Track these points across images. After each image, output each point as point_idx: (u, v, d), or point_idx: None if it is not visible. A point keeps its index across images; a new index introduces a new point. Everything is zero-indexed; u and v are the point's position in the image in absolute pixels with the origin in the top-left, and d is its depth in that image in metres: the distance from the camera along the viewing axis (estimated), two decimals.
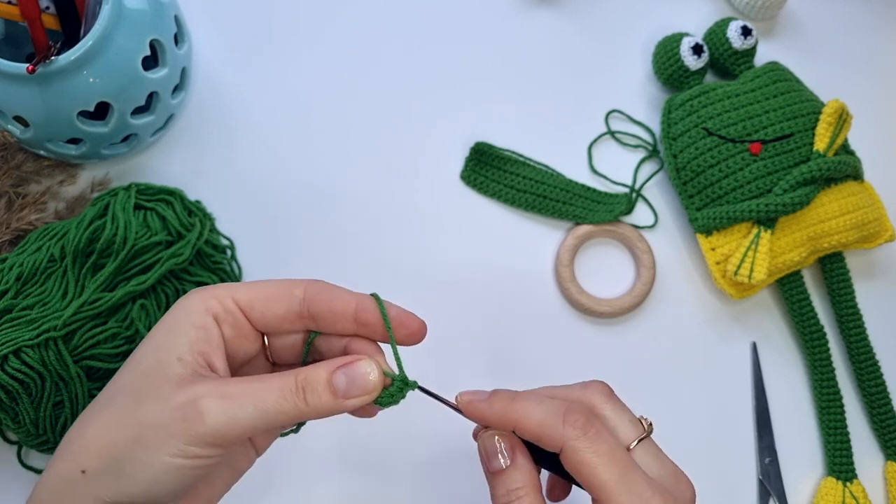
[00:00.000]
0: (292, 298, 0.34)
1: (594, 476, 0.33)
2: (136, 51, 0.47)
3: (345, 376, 0.32)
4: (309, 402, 0.32)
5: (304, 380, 0.32)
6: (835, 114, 0.53)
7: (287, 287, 0.35)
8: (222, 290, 0.34)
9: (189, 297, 0.34)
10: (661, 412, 0.53)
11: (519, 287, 0.55)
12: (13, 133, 0.49)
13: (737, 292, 0.53)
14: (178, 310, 0.34)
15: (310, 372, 0.32)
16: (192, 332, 0.33)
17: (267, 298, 0.34)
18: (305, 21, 0.59)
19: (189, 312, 0.33)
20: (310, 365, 0.33)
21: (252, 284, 0.35)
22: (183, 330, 0.33)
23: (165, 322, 0.34)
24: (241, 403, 0.31)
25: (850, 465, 0.52)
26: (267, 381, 0.32)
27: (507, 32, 0.60)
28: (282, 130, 0.57)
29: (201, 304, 0.33)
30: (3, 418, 0.44)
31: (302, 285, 0.35)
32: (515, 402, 0.35)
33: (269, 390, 0.31)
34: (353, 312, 0.35)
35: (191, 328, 0.33)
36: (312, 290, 0.35)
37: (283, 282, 0.35)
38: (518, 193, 0.56)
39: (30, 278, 0.46)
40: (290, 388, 0.32)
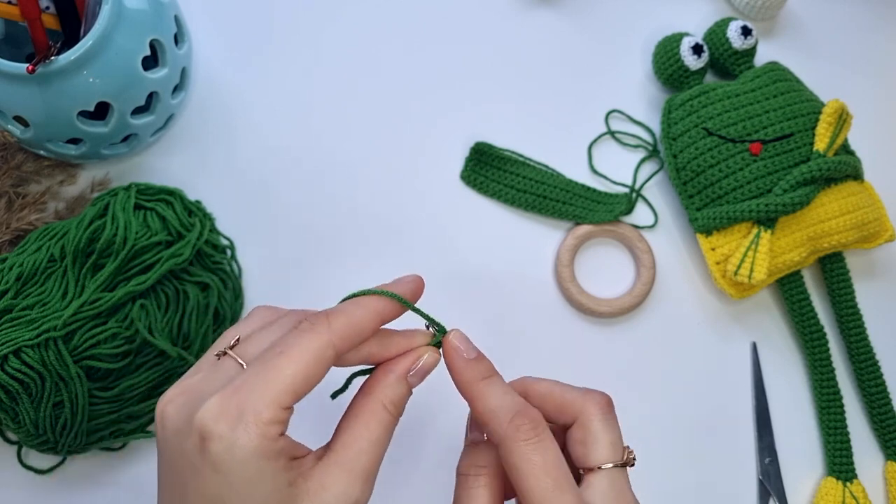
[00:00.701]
0: (328, 362, 0.32)
1: (522, 483, 0.32)
2: (136, 51, 0.47)
3: (418, 377, 0.35)
4: (400, 415, 0.34)
5: (393, 404, 0.33)
6: (835, 114, 0.53)
7: (318, 356, 0.32)
8: (267, 411, 0.30)
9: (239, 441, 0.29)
10: (661, 412, 0.54)
11: (519, 287, 0.55)
12: (13, 133, 0.49)
13: (737, 292, 0.53)
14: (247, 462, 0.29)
15: (394, 394, 0.34)
16: (276, 464, 0.30)
17: (307, 382, 0.31)
18: (305, 21, 0.59)
19: (259, 456, 0.29)
20: (380, 380, 0.34)
21: (283, 376, 0.31)
22: (269, 471, 0.30)
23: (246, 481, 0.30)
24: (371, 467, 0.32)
25: (850, 465, 0.52)
26: (371, 431, 0.32)
27: (507, 32, 0.60)
28: (282, 130, 0.57)
29: (264, 440, 0.30)
30: (3, 418, 0.44)
31: (328, 343, 0.32)
32: (483, 381, 0.35)
33: (378, 438, 0.32)
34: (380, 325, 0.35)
35: (274, 464, 0.30)
36: (340, 341, 0.32)
37: (309, 350, 0.31)
38: (518, 193, 0.56)
39: (30, 278, 0.46)
40: (390, 420, 0.33)
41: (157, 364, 0.47)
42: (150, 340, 0.45)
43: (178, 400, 0.32)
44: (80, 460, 0.50)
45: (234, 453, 0.29)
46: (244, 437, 0.29)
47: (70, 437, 0.45)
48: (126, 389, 0.46)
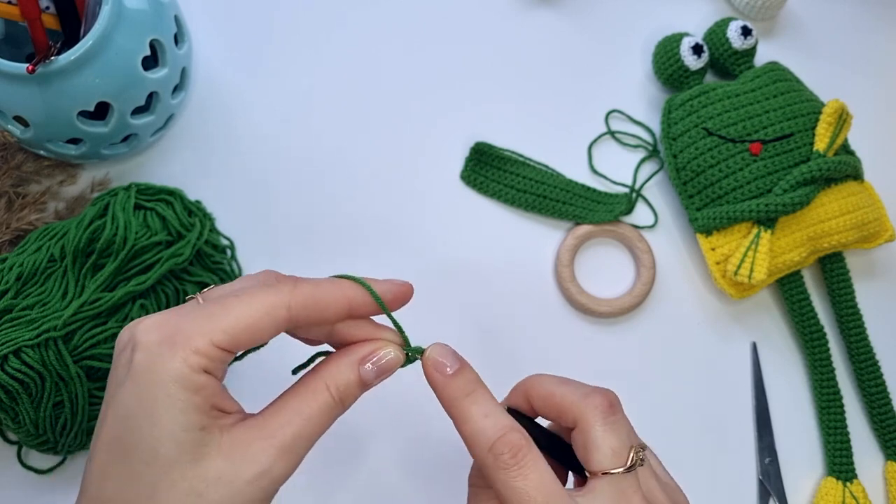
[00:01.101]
0: (278, 320, 0.31)
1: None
2: (136, 51, 0.47)
3: (372, 367, 0.33)
4: (346, 405, 0.33)
5: (338, 390, 0.32)
6: (835, 114, 0.53)
7: (269, 309, 0.31)
8: (200, 340, 0.29)
9: (163, 358, 0.29)
10: (661, 412, 0.54)
11: (519, 287, 0.55)
12: (13, 133, 0.49)
13: (737, 292, 0.53)
14: (162, 382, 0.29)
15: (340, 380, 0.32)
16: (194, 398, 0.29)
17: (250, 329, 0.30)
18: (305, 21, 0.59)
19: (178, 381, 0.29)
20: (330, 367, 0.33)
21: (227, 314, 0.30)
22: (182, 401, 0.29)
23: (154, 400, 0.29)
24: (300, 447, 0.31)
25: (850, 465, 0.52)
26: (307, 411, 0.31)
27: (507, 32, 0.60)
28: (282, 130, 0.57)
29: (186, 366, 0.29)
30: (3, 418, 0.44)
31: (284, 303, 0.31)
32: (466, 398, 0.34)
33: (316, 420, 0.31)
34: (346, 312, 0.34)
35: (190, 395, 0.29)
36: (297, 304, 0.32)
37: (262, 301, 0.31)
38: (518, 193, 0.56)
39: (30, 278, 0.46)
40: (331, 405, 0.32)
41: None
42: None
43: (130, 326, 0.31)
44: (80, 460, 0.50)
45: (153, 366, 0.29)
46: (167, 355, 0.29)
47: (70, 437, 0.45)
48: None
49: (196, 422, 0.29)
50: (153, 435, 0.29)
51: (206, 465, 0.29)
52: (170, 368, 0.29)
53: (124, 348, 0.31)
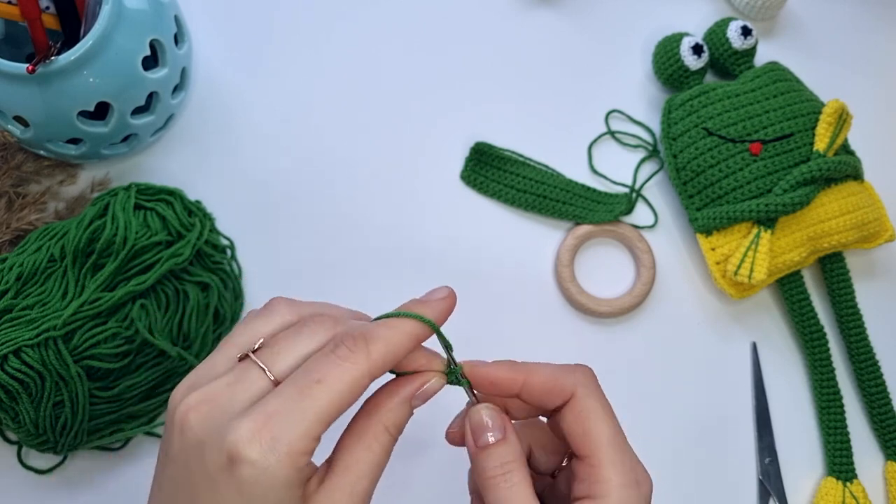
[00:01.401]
0: (362, 390, 0.32)
1: (596, 427, 0.33)
2: (136, 51, 0.47)
3: (421, 400, 0.34)
4: (399, 436, 0.33)
5: (396, 428, 0.33)
6: (835, 114, 0.53)
7: (354, 388, 0.31)
8: (301, 443, 0.29)
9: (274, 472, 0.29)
10: (661, 412, 0.54)
11: (519, 287, 0.55)
12: (13, 133, 0.49)
13: (737, 292, 0.53)
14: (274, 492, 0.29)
15: (397, 418, 0.33)
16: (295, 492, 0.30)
17: (340, 411, 0.31)
18: (306, 21, 0.59)
19: (289, 485, 0.30)
20: (385, 403, 0.33)
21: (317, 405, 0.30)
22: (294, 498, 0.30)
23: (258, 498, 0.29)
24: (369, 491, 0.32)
25: (850, 465, 0.52)
26: (372, 453, 0.32)
27: (507, 32, 0.60)
28: (282, 130, 0.57)
29: (293, 471, 0.30)
30: (4, 418, 0.44)
31: (366, 374, 0.31)
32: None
33: (378, 458, 0.32)
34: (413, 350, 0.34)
35: (297, 490, 0.30)
36: (378, 371, 0.32)
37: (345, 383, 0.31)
38: (518, 193, 0.56)
39: (30, 278, 0.46)
40: (389, 443, 0.32)
41: (157, 364, 0.47)
42: (150, 340, 0.45)
43: (202, 409, 0.31)
44: (80, 460, 0.50)
45: (264, 480, 0.29)
46: (276, 466, 0.29)
47: (70, 437, 0.45)
48: (126, 389, 0.46)
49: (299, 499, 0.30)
50: None
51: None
52: (283, 477, 0.29)
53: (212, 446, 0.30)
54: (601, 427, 0.33)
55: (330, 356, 0.31)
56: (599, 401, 0.34)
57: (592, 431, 0.33)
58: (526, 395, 0.35)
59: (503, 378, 0.35)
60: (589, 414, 0.33)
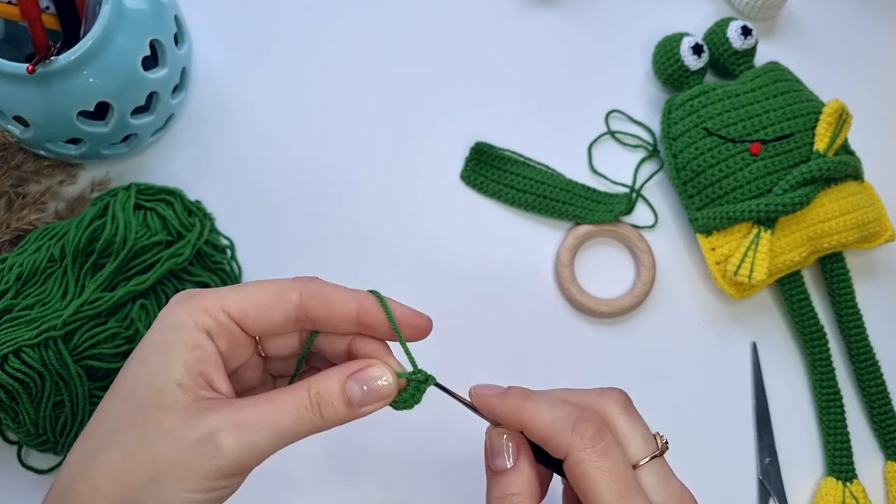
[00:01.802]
0: (287, 303, 0.32)
1: (594, 492, 0.31)
2: (136, 51, 0.47)
3: (358, 384, 0.32)
4: (325, 417, 0.31)
5: (318, 394, 0.31)
6: (835, 114, 0.53)
7: (281, 291, 0.33)
8: (211, 301, 0.31)
9: (174, 311, 0.31)
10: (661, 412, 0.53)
11: (519, 287, 0.55)
12: (13, 133, 0.49)
13: (737, 292, 0.53)
14: (166, 328, 0.31)
15: (321, 385, 0.31)
16: (186, 353, 0.30)
17: (260, 306, 0.32)
18: (306, 21, 0.59)
19: (179, 330, 0.31)
20: (319, 374, 0.32)
21: (242, 290, 0.32)
22: (176, 352, 0.30)
23: (154, 343, 0.31)
24: (258, 430, 0.30)
25: (850, 465, 0.52)
26: (279, 401, 0.31)
27: (507, 32, 0.60)
28: (282, 130, 0.57)
29: (190, 319, 0.31)
30: (4, 418, 0.44)
31: (297, 288, 0.33)
32: (527, 401, 0.33)
33: (284, 412, 0.31)
34: (355, 315, 0.33)
35: (184, 349, 0.30)
36: (308, 292, 0.33)
37: (275, 285, 0.33)
38: (518, 193, 0.56)
39: (30, 278, 0.46)
40: (305, 406, 0.31)
41: None
42: None
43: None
44: None
45: (165, 317, 0.32)
46: (178, 309, 0.32)
47: (70, 437, 0.45)
48: None
49: (177, 376, 0.30)
50: (138, 375, 0.31)
51: (163, 416, 0.30)
52: (176, 318, 0.31)
53: None
54: (598, 493, 0.31)
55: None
56: (598, 461, 0.32)
57: (589, 496, 0.31)
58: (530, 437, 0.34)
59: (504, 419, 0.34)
60: (582, 481, 0.32)
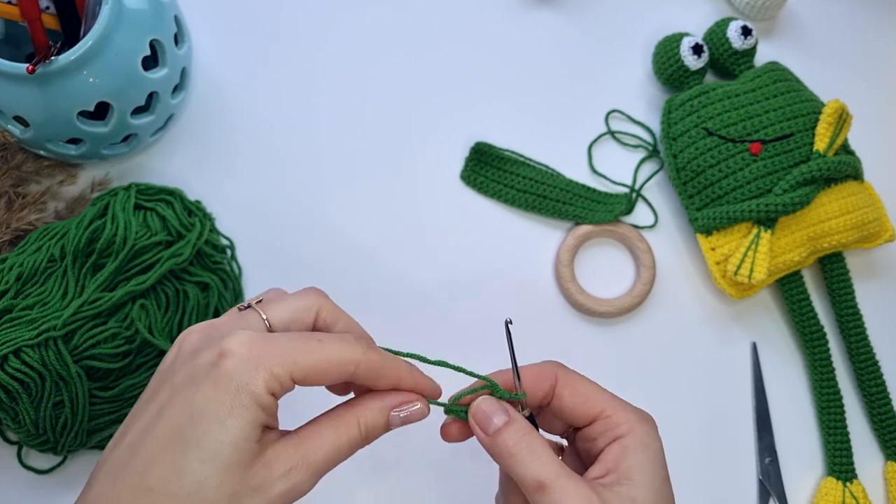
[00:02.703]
0: (345, 374, 0.34)
1: (590, 389, 0.37)
2: (136, 51, 0.47)
3: (398, 415, 0.35)
4: (369, 440, 0.35)
5: (366, 427, 0.35)
6: (835, 114, 0.53)
7: (344, 364, 0.34)
8: (281, 369, 0.32)
9: (248, 374, 0.32)
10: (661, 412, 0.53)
11: (519, 287, 0.55)
12: (13, 133, 0.49)
13: (737, 292, 0.53)
14: (241, 391, 0.32)
15: (369, 419, 0.35)
16: (260, 415, 0.32)
17: (320, 374, 0.34)
18: (306, 21, 0.59)
19: (254, 396, 0.32)
20: (365, 405, 0.35)
21: (309, 356, 0.33)
22: (251, 414, 0.32)
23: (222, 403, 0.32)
24: (322, 466, 0.33)
25: (850, 465, 0.52)
26: (336, 441, 0.34)
27: (508, 33, 0.60)
28: (282, 130, 0.57)
29: (264, 387, 0.32)
30: (4, 418, 0.44)
31: (357, 362, 0.34)
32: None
33: (341, 449, 0.34)
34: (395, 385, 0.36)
35: (259, 412, 0.32)
36: (365, 370, 0.34)
37: (340, 355, 0.34)
38: (518, 193, 0.56)
39: (30, 278, 0.46)
40: (357, 440, 0.34)
41: (157, 364, 0.47)
42: (150, 340, 0.45)
43: (202, 331, 0.35)
44: (80, 460, 0.50)
45: (238, 378, 0.32)
46: (253, 372, 0.32)
47: (70, 437, 0.45)
48: (126, 389, 0.46)
49: (255, 435, 0.32)
50: (220, 437, 0.31)
51: (251, 473, 0.32)
52: (251, 383, 0.32)
53: (205, 349, 0.33)
54: (594, 388, 0.38)
55: (339, 336, 0.35)
56: (579, 374, 0.38)
57: (591, 394, 0.37)
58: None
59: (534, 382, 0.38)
60: (579, 384, 0.38)
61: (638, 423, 0.36)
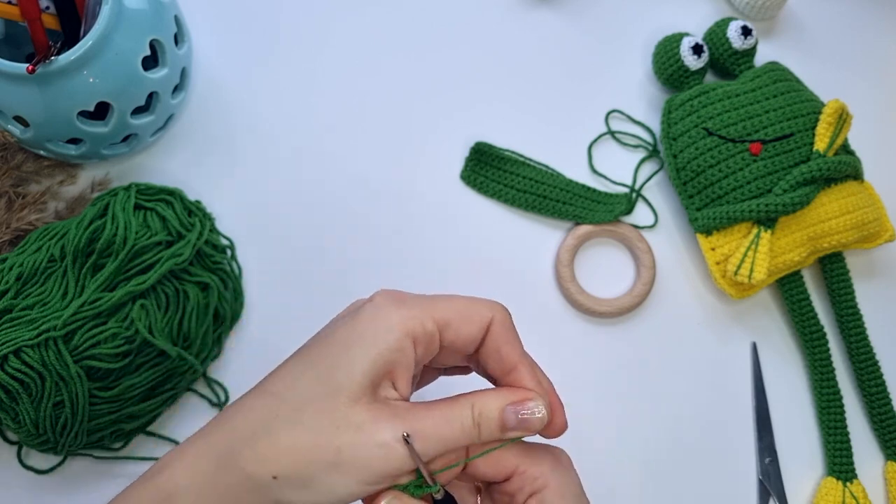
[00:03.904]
0: (483, 320, 0.35)
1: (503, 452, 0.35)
2: (136, 51, 0.47)
3: (514, 414, 0.34)
4: (482, 436, 0.34)
5: (480, 415, 0.33)
6: (835, 114, 0.53)
7: (482, 310, 0.35)
8: (421, 310, 0.34)
9: (387, 311, 0.33)
10: (661, 412, 0.54)
11: (519, 287, 0.55)
12: (13, 133, 0.49)
13: (737, 292, 0.53)
14: (378, 324, 0.33)
15: (484, 406, 0.34)
16: (389, 354, 0.33)
17: (462, 317, 0.34)
18: (306, 21, 0.59)
19: (389, 331, 0.33)
20: (481, 394, 0.34)
21: (447, 301, 0.35)
22: (382, 349, 0.33)
23: (363, 333, 0.33)
24: (431, 442, 0.32)
25: (850, 465, 0.52)
26: (450, 415, 0.33)
27: (508, 33, 0.60)
28: (282, 130, 0.57)
29: (402, 325, 0.33)
30: (4, 418, 0.44)
31: (491, 309, 0.35)
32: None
33: (454, 427, 0.33)
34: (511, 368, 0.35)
35: (389, 350, 0.33)
36: (500, 317, 0.35)
37: (477, 304, 0.35)
38: (518, 193, 0.56)
39: (30, 278, 0.46)
40: (469, 425, 0.33)
41: (157, 364, 0.47)
42: (150, 340, 0.45)
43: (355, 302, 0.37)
44: (80, 460, 0.50)
45: (375, 314, 0.33)
46: (392, 309, 0.33)
47: (70, 437, 0.45)
48: (126, 389, 0.46)
49: (375, 374, 0.32)
50: (338, 359, 0.33)
51: (356, 410, 0.32)
52: (388, 319, 0.33)
53: (358, 304, 0.36)
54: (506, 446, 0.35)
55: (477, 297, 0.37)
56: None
57: (502, 452, 0.35)
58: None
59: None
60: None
61: (552, 474, 0.35)
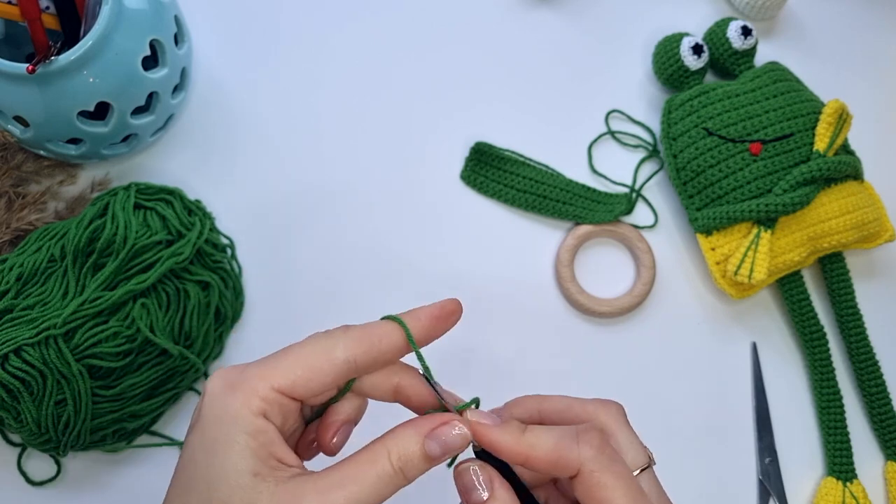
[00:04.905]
0: (335, 362, 0.32)
1: (611, 498, 0.31)
2: (136, 51, 0.47)
3: (437, 443, 0.31)
4: (409, 478, 0.31)
5: (400, 460, 0.31)
6: (835, 114, 0.53)
7: (325, 350, 0.32)
8: (258, 382, 0.30)
9: (224, 402, 0.30)
10: (661, 412, 0.54)
11: (519, 287, 0.55)
12: (13, 133, 0.49)
13: (737, 292, 0.53)
14: (223, 422, 0.30)
15: (402, 449, 0.31)
16: (251, 442, 0.30)
17: (308, 372, 0.31)
18: (306, 21, 0.59)
19: (236, 421, 0.30)
20: (394, 436, 0.31)
21: (286, 359, 0.32)
22: (242, 443, 0.30)
23: (215, 439, 0.30)
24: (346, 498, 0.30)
25: (850, 465, 0.52)
26: (362, 476, 0.30)
27: (508, 33, 0.60)
28: (281, 130, 0.57)
29: (245, 408, 0.30)
30: (6, 417, 0.44)
31: (337, 343, 0.32)
32: (526, 432, 0.32)
33: (369, 487, 0.30)
34: (400, 348, 0.33)
35: (248, 439, 0.30)
36: (352, 345, 0.32)
37: (317, 344, 0.32)
38: (518, 193, 0.56)
39: (30, 278, 0.46)
40: (390, 475, 0.30)
41: (158, 363, 0.47)
42: (151, 339, 0.45)
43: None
44: (81, 463, 0.50)
45: (216, 410, 0.30)
46: (229, 399, 0.30)
47: (73, 436, 0.45)
48: (128, 388, 0.46)
49: (250, 467, 0.30)
50: (209, 476, 0.30)
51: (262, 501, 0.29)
52: (230, 411, 0.30)
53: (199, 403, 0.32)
54: (617, 498, 0.31)
55: (322, 333, 0.33)
56: (611, 470, 0.31)
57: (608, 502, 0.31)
58: (531, 467, 0.32)
59: (505, 449, 0.32)
60: (598, 491, 0.31)
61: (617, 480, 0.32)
